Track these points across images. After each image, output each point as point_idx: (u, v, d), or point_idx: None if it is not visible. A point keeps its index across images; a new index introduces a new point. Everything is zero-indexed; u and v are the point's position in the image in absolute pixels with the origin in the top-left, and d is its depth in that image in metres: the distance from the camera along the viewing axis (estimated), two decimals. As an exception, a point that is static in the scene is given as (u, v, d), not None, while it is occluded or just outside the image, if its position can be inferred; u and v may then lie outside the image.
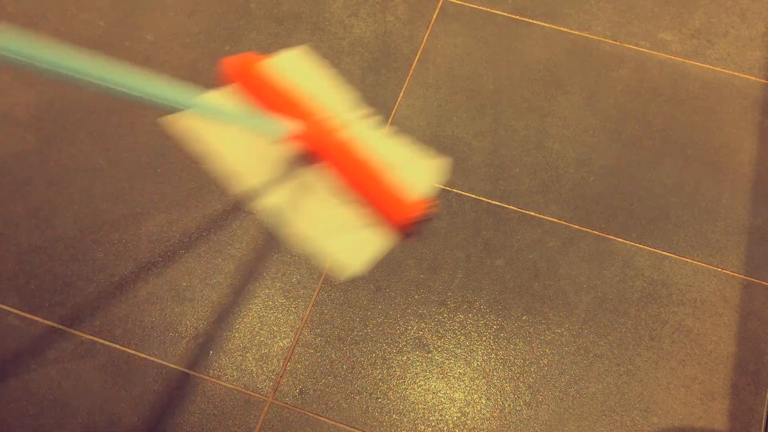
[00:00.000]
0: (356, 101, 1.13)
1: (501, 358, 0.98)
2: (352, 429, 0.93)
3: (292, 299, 1.02)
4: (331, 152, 1.05)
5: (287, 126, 1.00)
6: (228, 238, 1.06)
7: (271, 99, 1.10)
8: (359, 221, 1.04)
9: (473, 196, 1.10)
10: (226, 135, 1.11)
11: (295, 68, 1.17)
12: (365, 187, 1.04)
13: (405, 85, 1.20)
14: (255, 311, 1.01)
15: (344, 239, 1.03)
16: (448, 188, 1.11)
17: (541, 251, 1.06)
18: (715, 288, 1.03)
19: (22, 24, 1.26)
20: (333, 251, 1.03)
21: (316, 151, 1.06)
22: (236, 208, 1.06)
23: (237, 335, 0.99)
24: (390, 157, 1.08)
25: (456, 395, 0.96)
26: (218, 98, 1.09)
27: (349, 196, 1.05)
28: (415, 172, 1.09)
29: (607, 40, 1.26)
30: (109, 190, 1.10)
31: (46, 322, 1.00)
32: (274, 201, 1.06)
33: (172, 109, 1.04)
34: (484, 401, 0.96)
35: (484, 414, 0.95)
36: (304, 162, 1.07)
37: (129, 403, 0.94)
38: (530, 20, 1.28)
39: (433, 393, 0.96)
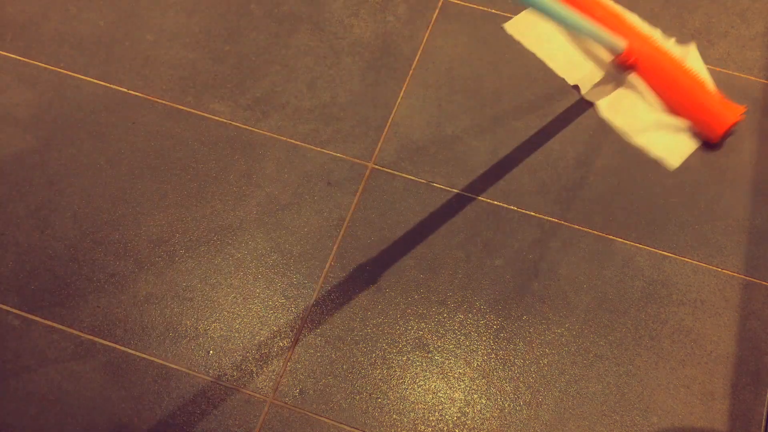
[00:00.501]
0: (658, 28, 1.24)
1: (501, 358, 0.98)
2: (352, 429, 0.93)
3: (292, 299, 1.02)
4: (653, 65, 1.14)
5: (618, 39, 1.09)
6: (228, 238, 1.06)
7: (597, 12, 1.19)
8: (677, 122, 1.13)
9: (473, 195, 1.10)
10: (559, 38, 1.24)
11: None
12: (687, 92, 1.13)
13: (405, 85, 1.21)
14: (255, 311, 1.01)
15: (662, 136, 1.13)
16: (448, 188, 1.11)
17: (541, 251, 1.06)
18: (715, 288, 1.03)
19: (22, 24, 1.26)
20: (651, 146, 1.13)
21: (639, 64, 1.14)
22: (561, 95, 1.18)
23: (237, 335, 0.99)
24: (702, 72, 1.18)
25: (456, 395, 0.96)
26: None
27: (669, 101, 1.15)
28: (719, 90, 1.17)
29: (607, 40, 1.26)
30: (109, 190, 1.10)
31: (46, 322, 1.00)
32: (600, 97, 1.18)
33: (517, 8, 1.17)
34: (484, 401, 0.96)
35: (484, 414, 0.95)
36: (626, 72, 1.16)
37: (129, 403, 0.94)
38: (530, 20, 1.28)
39: (433, 393, 0.96)
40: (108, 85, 1.20)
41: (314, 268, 1.04)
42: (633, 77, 1.16)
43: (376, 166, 1.13)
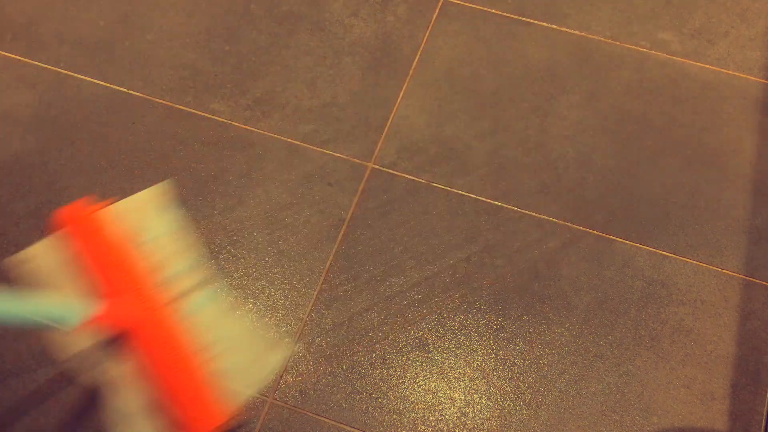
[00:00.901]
0: (199, 259, 0.93)
1: (501, 358, 0.98)
2: (352, 429, 0.93)
3: (291, 299, 1.02)
4: (143, 332, 0.85)
5: (88, 307, 0.78)
6: (227, 238, 1.06)
7: (99, 257, 0.88)
8: (148, 414, 0.84)
9: (473, 196, 1.10)
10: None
11: (142, 215, 0.95)
12: (170, 379, 0.84)
13: (405, 85, 1.21)
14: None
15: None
16: (448, 188, 1.11)
17: (541, 251, 1.06)
18: (715, 288, 1.03)
19: (23, 24, 1.26)
20: None
21: (126, 331, 0.85)
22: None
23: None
24: (218, 340, 0.88)
25: (456, 395, 0.96)
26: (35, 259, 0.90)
27: (152, 389, 0.85)
28: (245, 362, 0.89)
29: (607, 40, 1.26)
30: (109, 190, 1.10)
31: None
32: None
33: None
34: (484, 401, 0.96)
35: (484, 414, 0.95)
36: (111, 345, 0.86)
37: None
38: (530, 20, 1.28)
39: (433, 393, 0.96)
40: (108, 85, 1.20)
41: (314, 268, 1.04)
42: (118, 346, 0.85)
43: (376, 166, 1.13)
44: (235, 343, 0.89)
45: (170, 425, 0.83)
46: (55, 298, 0.80)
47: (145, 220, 0.93)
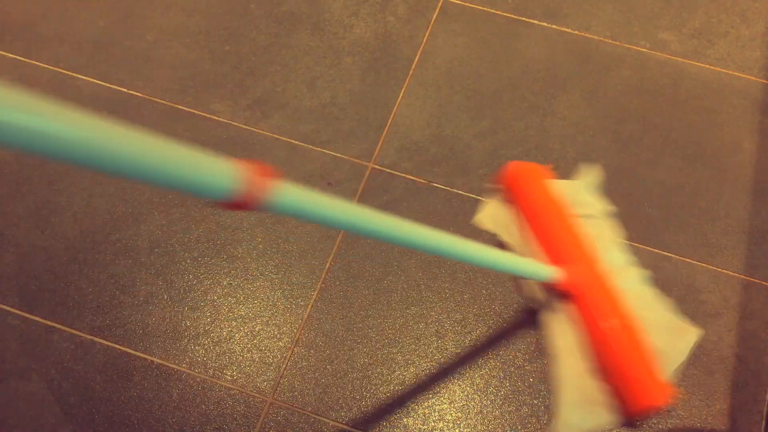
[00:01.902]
0: (626, 244, 1.04)
1: (501, 358, 0.98)
2: (352, 429, 0.93)
3: (292, 299, 1.02)
4: (591, 305, 0.93)
5: (552, 272, 0.89)
6: (228, 238, 1.06)
7: (544, 224, 0.99)
8: (595, 395, 0.91)
9: (473, 196, 1.10)
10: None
11: (577, 195, 1.06)
12: (615, 357, 0.90)
13: (405, 85, 1.21)
14: (255, 311, 1.01)
15: (573, 408, 0.92)
16: (448, 188, 1.11)
17: (541, 251, 1.06)
18: (715, 288, 1.03)
19: (23, 24, 1.26)
20: (560, 411, 0.93)
21: (575, 297, 0.94)
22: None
23: (237, 335, 0.99)
24: (649, 321, 0.94)
25: (456, 395, 0.96)
26: (490, 212, 1.04)
27: (593, 360, 0.92)
28: (669, 340, 0.95)
29: (607, 40, 1.26)
30: (109, 190, 1.10)
31: (46, 322, 1.00)
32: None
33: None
34: (484, 401, 0.96)
35: (484, 414, 0.95)
36: (559, 302, 0.96)
37: (129, 403, 0.94)
38: (530, 20, 1.28)
39: (433, 393, 0.96)
40: (108, 85, 1.20)
41: (314, 267, 1.04)
42: (567, 308, 0.96)
43: (376, 166, 1.13)
44: (661, 323, 0.96)
45: (613, 391, 0.90)
46: (528, 259, 0.94)
47: (580, 196, 1.06)
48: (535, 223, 1.00)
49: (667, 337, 0.94)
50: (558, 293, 0.96)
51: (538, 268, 0.88)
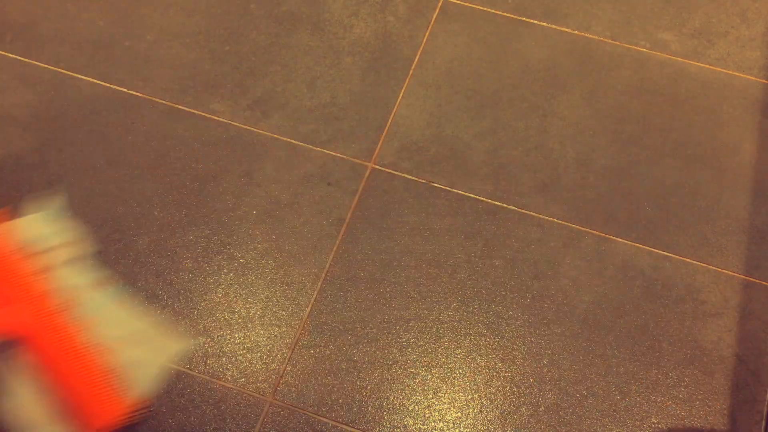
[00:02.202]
0: (92, 262, 0.96)
1: (501, 358, 0.98)
2: (352, 429, 0.93)
3: (293, 299, 1.02)
4: (38, 332, 0.87)
5: None
6: (228, 238, 1.06)
7: None
8: (50, 418, 0.86)
9: (473, 196, 1.10)
10: None
11: (32, 228, 0.99)
12: (67, 376, 0.86)
13: (405, 85, 1.21)
14: (255, 311, 1.01)
15: None
16: (448, 188, 1.11)
17: (542, 251, 1.06)
18: (715, 288, 1.03)
19: (23, 24, 1.26)
20: None
21: (20, 334, 0.87)
22: None
23: (237, 335, 0.99)
24: (115, 332, 0.91)
25: (456, 395, 0.96)
26: None
27: (51, 386, 0.86)
28: (144, 352, 0.92)
29: (607, 40, 1.26)
30: (109, 189, 1.10)
31: (45, 322, 1.00)
32: None
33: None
34: (483, 401, 0.96)
35: (484, 414, 0.95)
36: (5, 351, 0.88)
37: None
38: (530, 20, 1.28)
39: (433, 393, 0.96)
40: (108, 85, 1.20)
41: (314, 267, 1.04)
42: (16, 353, 0.87)
43: (376, 166, 1.13)
44: (134, 337, 0.92)
45: (72, 422, 0.85)
46: None
47: (35, 232, 0.96)
48: None
49: (139, 350, 0.92)
50: (7, 342, 0.87)
51: None
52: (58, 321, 0.88)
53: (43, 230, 0.98)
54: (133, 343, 0.92)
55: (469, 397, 0.96)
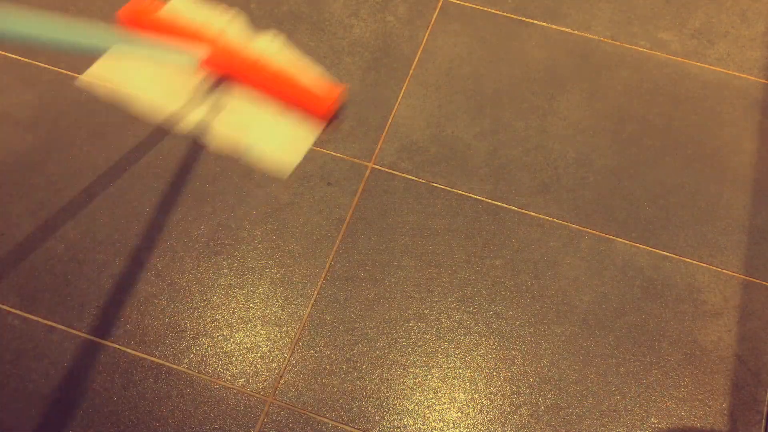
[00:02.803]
0: (246, 22, 1.19)
1: (501, 358, 0.98)
2: (352, 429, 0.93)
3: (293, 299, 1.02)
4: (242, 68, 1.11)
5: (196, 53, 1.06)
6: (228, 238, 1.06)
7: (172, 34, 1.14)
8: (283, 119, 1.11)
9: (473, 196, 1.10)
10: (141, 73, 1.16)
11: (190, 9, 1.22)
12: (282, 90, 1.11)
13: (405, 85, 1.21)
14: (255, 311, 1.01)
15: (272, 137, 1.10)
16: (448, 188, 1.11)
17: (542, 251, 1.06)
18: (715, 288, 1.03)
19: (22, 24, 1.26)
20: (265, 149, 1.10)
21: (228, 71, 1.12)
22: (162, 133, 1.12)
23: (237, 335, 0.99)
24: (293, 61, 1.17)
25: (456, 395, 0.96)
26: (124, 38, 1.11)
27: (268, 102, 1.12)
28: (315, 72, 1.18)
29: (607, 40, 1.26)
30: (108, 190, 1.10)
31: (46, 322, 1.00)
32: (197, 119, 1.12)
33: (84, 53, 1.10)
34: (483, 401, 0.96)
35: (483, 414, 0.95)
36: (220, 83, 1.13)
37: (129, 404, 0.94)
38: (530, 20, 1.28)
39: (433, 393, 0.96)
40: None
41: (314, 267, 1.04)
42: (229, 86, 1.14)
43: (376, 166, 1.13)
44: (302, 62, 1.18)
45: (296, 115, 1.10)
46: (171, 48, 1.06)
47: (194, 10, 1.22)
48: (169, 34, 1.14)
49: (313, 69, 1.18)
50: (212, 76, 1.10)
51: (179, 53, 1.03)
52: (246, 55, 1.14)
53: (193, 7, 1.24)
54: (306, 67, 1.18)
55: (469, 397, 0.96)
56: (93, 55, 1.06)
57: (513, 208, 1.09)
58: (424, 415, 0.95)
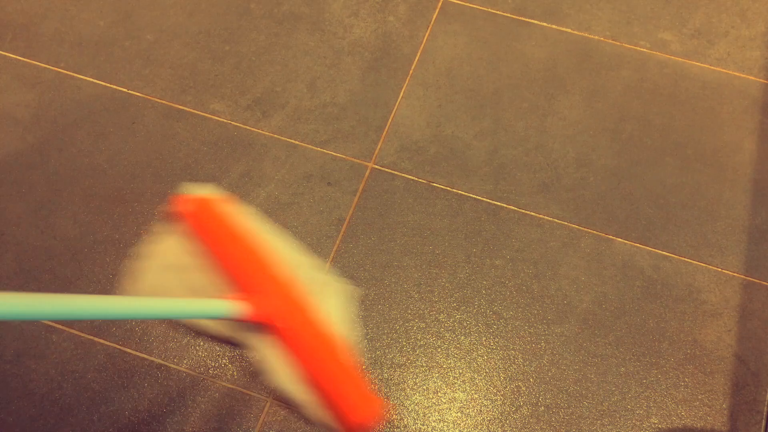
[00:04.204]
0: (318, 264, 0.98)
1: (501, 358, 0.98)
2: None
3: (292, 299, 1.02)
4: (290, 330, 0.87)
5: (239, 306, 0.83)
6: (228, 238, 1.06)
7: (228, 251, 0.91)
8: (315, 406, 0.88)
9: (473, 196, 1.10)
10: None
11: (252, 218, 0.99)
12: (324, 377, 0.86)
13: (405, 85, 1.21)
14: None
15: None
16: (448, 188, 1.11)
17: (541, 251, 1.06)
18: (715, 288, 1.03)
19: (22, 24, 1.26)
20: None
21: (273, 327, 0.88)
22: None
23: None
24: (346, 331, 0.92)
25: (456, 395, 0.96)
26: (167, 251, 0.95)
27: (304, 382, 0.88)
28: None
29: (607, 40, 1.26)
30: (108, 190, 1.10)
31: (45, 322, 1.00)
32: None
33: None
34: (484, 401, 0.96)
35: (483, 414, 0.95)
36: (260, 334, 0.90)
37: (128, 404, 0.94)
38: (530, 20, 1.28)
39: (433, 393, 0.96)
40: (108, 85, 1.20)
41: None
42: (270, 341, 0.89)
43: (376, 166, 1.13)
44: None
45: (328, 411, 0.87)
46: (207, 297, 0.84)
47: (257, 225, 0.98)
48: (220, 256, 0.91)
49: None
50: (257, 326, 0.88)
51: (221, 306, 0.80)
52: (302, 312, 0.89)
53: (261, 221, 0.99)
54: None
55: (469, 397, 0.96)
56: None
57: (513, 208, 1.09)
58: (424, 415, 0.95)
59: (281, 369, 0.88)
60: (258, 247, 0.91)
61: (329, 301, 0.93)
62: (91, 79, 1.21)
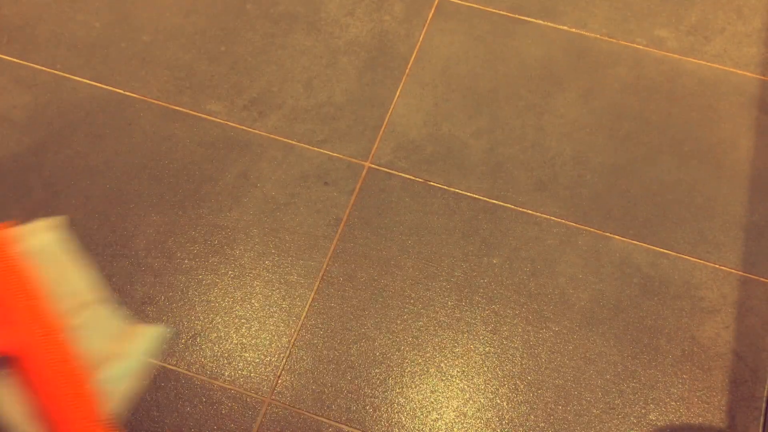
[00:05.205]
0: (100, 287, 0.92)
1: (499, 357, 0.98)
2: (352, 429, 0.93)
3: (290, 299, 1.02)
4: (28, 356, 0.79)
5: None
6: (225, 238, 1.06)
7: None
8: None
9: (470, 194, 1.10)
10: None
11: (39, 244, 0.87)
12: (52, 397, 0.79)
13: (401, 84, 1.20)
14: (252, 311, 1.01)
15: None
16: (445, 187, 1.11)
17: (539, 249, 1.06)
18: (713, 285, 1.03)
19: (19, 26, 1.26)
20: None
21: (13, 353, 0.79)
22: None
23: (235, 335, 0.99)
24: (101, 349, 0.83)
25: (454, 394, 0.96)
26: None
27: (34, 409, 0.79)
28: (123, 372, 0.87)
29: (603, 38, 1.26)
30: (105, 191, 1.10)
31: None
32: None
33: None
34: (482, 400, 0.96)
35: (482, 412, 0.95)
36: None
37: (128, 405, 0.94)
38: (526, 18, 1.28)
39: (432, 392, 0.96)
40: (104, 86, 1.20)
41: (311, 267, 1.04)
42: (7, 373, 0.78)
43: (373, 166, 1.13)
44: (115, 351, 0.86)
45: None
46: None
47: (39, 247, 0.90)
48: None
49: (117, 365, 0.87)
50: None
51: None
52: (52, 340, 0.84)
53: (38, 236, 0.92)
54: (113, 359, 0.88)
55: (468, 396, 0.96)
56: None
57: (510, 206, 1.09)
58: (423, 415, 0.95)
59: (12, 403, 0.84)
60: (18, 281, 0.86)
61: (93, 320, 0.88)
62: (87, 81, 1.21)
